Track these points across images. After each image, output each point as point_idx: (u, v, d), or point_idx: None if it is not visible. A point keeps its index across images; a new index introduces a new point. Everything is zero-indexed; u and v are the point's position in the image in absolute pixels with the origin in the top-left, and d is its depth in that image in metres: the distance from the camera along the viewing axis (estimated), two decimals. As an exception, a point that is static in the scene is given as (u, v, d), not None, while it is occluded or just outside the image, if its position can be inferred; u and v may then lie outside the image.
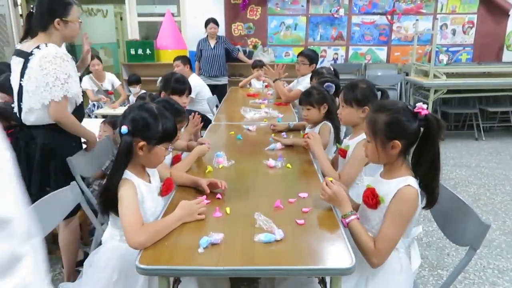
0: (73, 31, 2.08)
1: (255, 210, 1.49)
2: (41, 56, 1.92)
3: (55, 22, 1.99)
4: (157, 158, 1.49)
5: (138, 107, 1.48)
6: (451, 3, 6.05)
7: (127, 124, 1.42)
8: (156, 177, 1.63)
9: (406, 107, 1.43)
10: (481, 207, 3.39)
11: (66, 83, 1.95)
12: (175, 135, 1.54)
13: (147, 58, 6.05)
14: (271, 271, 1.24)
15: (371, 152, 1.46)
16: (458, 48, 6.22)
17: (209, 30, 5.45)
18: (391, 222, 1.37)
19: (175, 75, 2.76)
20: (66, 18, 2.01)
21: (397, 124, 1.39)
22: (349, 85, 2.01)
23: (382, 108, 1.45)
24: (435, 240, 2.86)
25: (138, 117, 1.43)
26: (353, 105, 1.95)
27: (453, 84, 5.21)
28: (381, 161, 1.48)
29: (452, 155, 4.81)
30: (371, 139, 1.44)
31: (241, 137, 2.65)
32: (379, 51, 6.30)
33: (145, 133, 1.42)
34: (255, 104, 3.87)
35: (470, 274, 2.47)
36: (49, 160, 2.08)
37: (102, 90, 4.90)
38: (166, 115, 1.49)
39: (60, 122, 2.01)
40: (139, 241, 1.30)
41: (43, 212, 1.53)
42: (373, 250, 1.36)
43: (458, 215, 1.54)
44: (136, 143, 1.42)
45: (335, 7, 6.10)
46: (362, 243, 1.38)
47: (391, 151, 1.41)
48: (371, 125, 1.44)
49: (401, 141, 1.39)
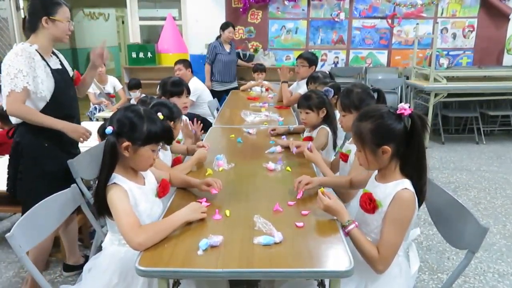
0: (62, 31, 2.08)
1: (255, 213, 1.50)
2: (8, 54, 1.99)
3: (42, 20, 2.01)
4: (143, 160, 1.49)
5: (125, 108, 1.48)
6: (451, 7, 6.06)
7: (113, 124, 1.43)
8: (151, 179, 1.63)
9: (389, 111, 1.41)
10: (482, 211, 3.38)
11: (16, 77, 1.93)
12: (163, 139, 1.52)
13: (149, 61, 6.07)
14: (270, 273, 1.24)
15: (363, 161, 1.46)
16: (459, 52, 6.23)
17: (227, 34, 5.21)
18: (393, 227, 1.36)
19: (171, 79, 2.80)
20: (53, 16, 2.03)
21: (382, 130, 1.38)
22: (344, 92, 2.01)
23: (365, 116, 1.44)
24: (435, 243, 2.86)
25: (123, 118, 1.44)
26: (351, 111, 1.95)
27: (453, 88, 5.21)
28: (374, 167, 1.48)
29: (453, 159, 4.81)
30: (360, 148, 1.44)
31: (241, 140, 2.66)
32: (380, 54, 6.31)
33: (129, 133, 1.43)
34: (256, 107, 3.88)
35: (470, 278, 2.47)
36: (18, 159, 2.08)
37: (104, 93, 4.93)
38: (153, 117, 1.49)
39: (12, 114, 2.00)
40: (138, 242, 1.31)
41: (42, 214, 1.53)
42: (378, 258, 1.36)
43: (457, 218, 1.54)
44: (120, 144, 1.42)
45: (335, 11, 6.12)
46: (365, 251, 1.38)
47: (383, 157, 1.40)
48: (357, 135, 1.44)
49: (390, 145, 1.38)
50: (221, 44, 5.28)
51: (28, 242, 1.43)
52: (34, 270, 1.41)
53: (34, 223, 1.48)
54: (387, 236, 1.37)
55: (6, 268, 2.55)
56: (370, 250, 1.37)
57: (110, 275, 1.47)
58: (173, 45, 6.05)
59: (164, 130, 1.50)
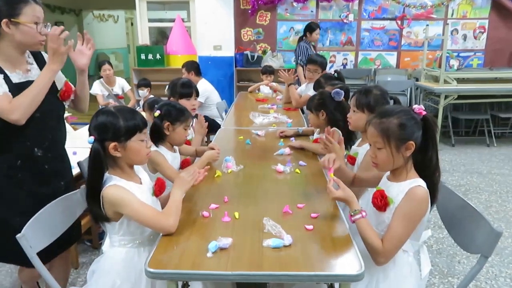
0: (29, 36, 1.60)
1: (264, 215, 1.49)
2: None
3: (2, 24, 1.55)
4: (136, 152, 1.49)
5: (95, 114, 1.49)
6: (462, 8, 6.01)
7: (93, 133, 1.43)
8: (146, 179, 1.64)
9: (411, 109, 1.43)
10: (493, 214, 3.34)
11: None
12: (144, 126, 1.53)
13: (157, 63, 6.11)
14: (280, 277, 1.24)
15: (384, 159, 1.43)
16: (469, 53, 6.17)
17: (315, 36, 5.15)
18: (401, 221, 1.36)
19: (180, 80, 2.80)
20: (15, 18, 1.56)
21: (410, 124, 1.39)
22: (362, 90, 2.00)
23: (389, 113, 1.44)
24: (445, 247, 2.82)
25: (99, 122, 1.44)
26: (364, 110, 1.94)
27: (464, 89, 5.16)
28: (389, 167, 1.46)
29: (463, 162, 4.76)
30: (384, 144, 1.42)
31: (250, 142, 2.66)
32: (389, 56, 6.28)
33: (110, 134, 1.43)
34: (264, 109, 3.87)
35: (482, 282, 2.44)
36: None
37: (112, 94, 4.96)
38: (125, 110, 1.50)
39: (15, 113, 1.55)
40: (170, 224, 1.40)
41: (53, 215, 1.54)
42: (381, 249, 1.36)
43: (469, 222, 1.52)
44: (108, 147, 1.43)
45: (344, 13, 6.10)
46: (369, 241, 1.38)
47: (405, 153, 1.40)
48: (382, 131, 1.42)
49: (413, 141, 1.39)
50: (309, 44, 5.19)
51: (39, 243, 1.44)
52: (44, 271, 1.42)
53: (44, 224, 1.49)
54: (394, 229, 1.37)
55: (16, 267, 2.57)
56: (374, 240, 1.37)
57: (113, 277, 1.48)
58: (181, 46, 6.08)
59: (141, 118, 1.51)
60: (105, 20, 11.14)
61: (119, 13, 11.65)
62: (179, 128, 2.05)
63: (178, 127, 2.05)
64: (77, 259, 2.55)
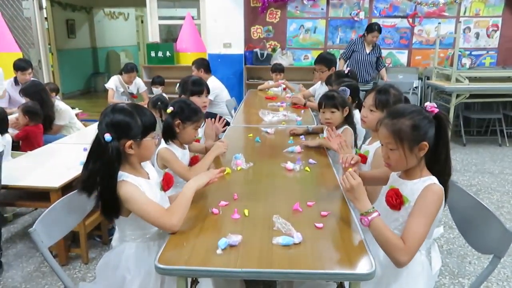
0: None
1: (274, 213, 1.49)
2: None
3: None
4: (148, 150, 1.51)
5: (111, 111, 1.45)
6: (474, 6, 5.93)
7: (108, 131, 1.40)
8: (154, 174, 1.64)
9: (423, 108, 1.41)
10: (505, 214, 3.30)
11: None
12: (156, 123, 1.54)
13: (167, 60, 6.13)
14: (290, 274, 1.23)
15: (397, 159, 1.41)
16: (482, 52, 6.09)
17: (371, 38, 5.24)
18: (421, 218, 1.32)
19: (191, 78, 2.81)
20: None
21: (421, 126, 1.37)
22: (381, 89, 1.97)
23: (401, 113, 1.41)
24: (456, 247, 2.79)
25: (116, 120, 1.42)
26: (382, 110, 1.92)
27: (476, 88, 5.09)
28: (402, 167, 1.44)
29: (475, 161, 4.70)
30: (397, 146, 1.39)
31: (259, 140, 2.65)
32: (400, 54, 6.22)
33: (129, 133, 1.43)
34: (274, 107, 3.87)
35: (493, 283, 2.40)
36: None
37: (127, 92, 5.00)
38: (139, 107, 1.50)
39: None
40: (172, 223, 1.39)
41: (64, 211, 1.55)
42: (403, 247, 1.29)
43: (481, 222, 1.50)
44: (123, 145, 1.43)
45: (355, 10, 6.06)
46: (389, 241, 1.31)
47: (418, 154, 1.38)
48: (395, 132, 1.39)
49: (427, 141, 1.37)
50: (363, 42, 5.31)
51: (50, 238, 1.45)
52: (55, 265, 1.43)
53: (55, 219, 1.50)
54: (415, 226, 1.32)
55: (27, 262, 2.60)
56: (394, 239, 1.31)
57: (123, 272, 1.49)
58: (191, 44, 6.09)
59: (153, 115, 1.52)
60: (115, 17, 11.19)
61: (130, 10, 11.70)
62: (189, 128, 2.05)
63: (188, 127, 2.04)
64: (87, 254, 2.57)
